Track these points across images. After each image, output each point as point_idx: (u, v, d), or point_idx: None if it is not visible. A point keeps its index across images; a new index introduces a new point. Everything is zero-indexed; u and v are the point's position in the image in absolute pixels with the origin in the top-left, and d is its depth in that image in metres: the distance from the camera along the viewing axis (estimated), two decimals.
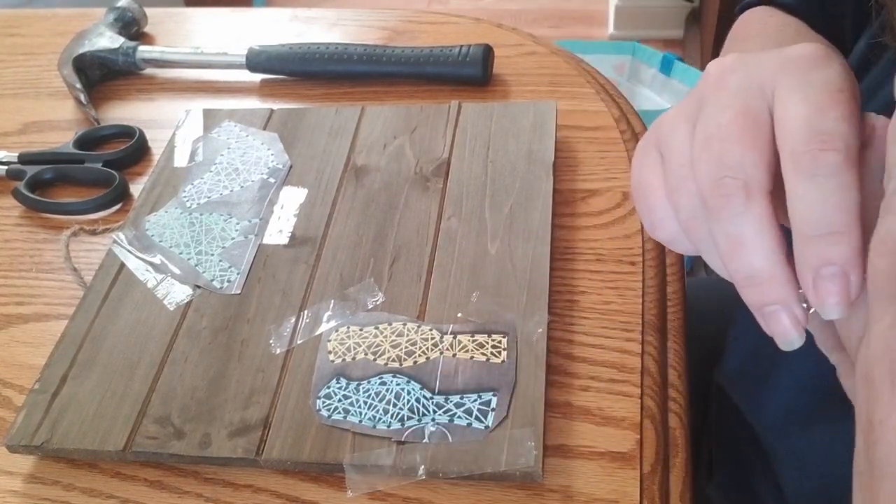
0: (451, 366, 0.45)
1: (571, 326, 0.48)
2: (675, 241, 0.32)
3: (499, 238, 0.51)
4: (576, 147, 0.59)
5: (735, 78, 0.30)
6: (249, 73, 0.70)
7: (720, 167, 0.28)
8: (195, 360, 0.48)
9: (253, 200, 0.57)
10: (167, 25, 0.80)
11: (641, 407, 0.44)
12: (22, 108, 0.72)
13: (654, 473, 0.42)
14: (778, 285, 0.27)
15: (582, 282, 0.50)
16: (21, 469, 0.46)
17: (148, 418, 0.45)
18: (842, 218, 0.26)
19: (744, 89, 0.30)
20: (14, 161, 0.64)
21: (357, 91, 0.68)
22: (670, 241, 0.32)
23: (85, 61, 0.71)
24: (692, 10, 2.03)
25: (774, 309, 0.28)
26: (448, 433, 0.42)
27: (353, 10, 0.79)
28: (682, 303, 0.51)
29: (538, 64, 0.68)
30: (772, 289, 0.28)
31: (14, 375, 0.51)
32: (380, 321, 0.48)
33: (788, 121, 0.28)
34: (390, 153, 0.59)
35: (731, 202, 0.28)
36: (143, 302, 0.51)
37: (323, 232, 0.54)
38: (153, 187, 0.59)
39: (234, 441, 0.43)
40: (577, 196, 0.56)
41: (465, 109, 0.61)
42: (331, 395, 0.45)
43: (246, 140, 0.62)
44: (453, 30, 0.74)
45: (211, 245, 0.54)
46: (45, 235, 0.60)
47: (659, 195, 0.32)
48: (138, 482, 0.44)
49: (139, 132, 0.65)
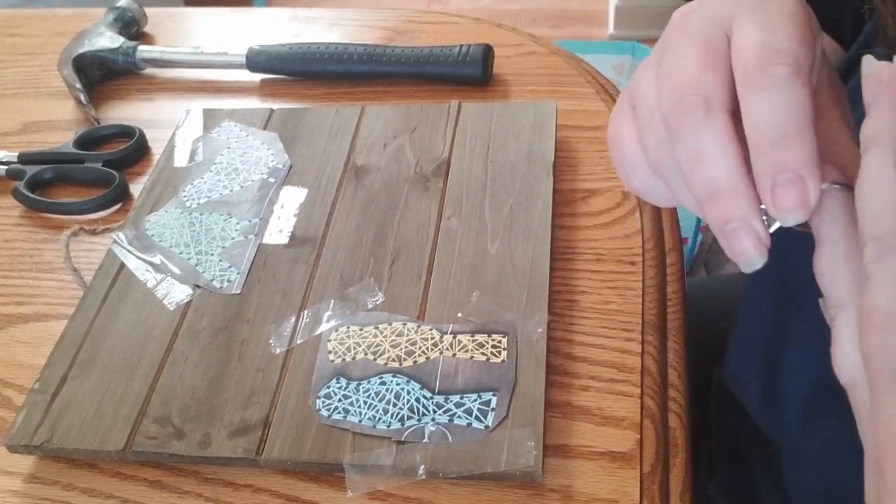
0: (451, 366, 0.45)
1: (571, 326, 0.48)
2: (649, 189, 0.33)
3: (499, 238, 0.51)
4: (576, 147, 0.59)
5: (695, 16, 0.31)
6: (249, 72, 0.70)
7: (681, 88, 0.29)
8: (195, 360, 0.48)
9: (253, 200, 0.57)
10: (167, 25, 0.80)
11: (641, 407, 0.44)
12: (22, 108, 0.72)
13: (654, 473, 0.42)
14: (738, 199, 0.28)
15: (582, 282, 0.50)
16: (21, 469, 0.46)
17: (148, 418, 0.45)
18: (793, 124, 0.26)
19: (703, 25, 0.31)
20: (14, 161, 0.64)
21: (357, 91, 0.68)
22: (644, 190, 0.33)
23: (85, 61, 0.71)
24: None
25: (735, 226, 0.28)
26: (448, 433, 0.42)
27: (353, 10, 0.79)
28: (682, 303, 0.51)
29: (538, 64, 0.68)
30: (732, 202, 0.28)
31: (14, 375, 0.51)
32: (380, 321, 0.48)
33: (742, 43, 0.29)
34: (390, 153, 0.59)
35: (692, 117, 0.29)
36: (143, 302, 0.51)
37: (323, 232, 0.54)
38: (153, 187, 0.59)
39: (234, 441, 0.43)
40: (577, 196, 0.56)
41: (465, 109, 0.61)
42: (331, 394, 0.45)
43: (246, 140, 0.62)
44: (453, 30, 0.74)
45: (211, 245, 0.54)
46: (45, 235, 0.60)
47: (631, 143, 0.32)
48: (138, 482, 0.44)
49: (139, 132, 0.65)
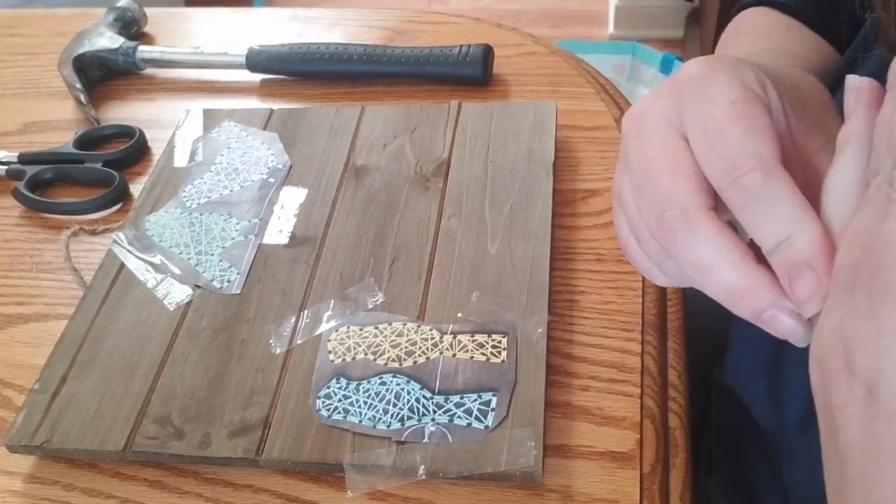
0: (450, 366, 0.45)
1: (571, 326, 0.48)
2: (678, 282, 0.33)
3: (499, 238, 0.51)
4: (576, 147, 0.59)
5: (645, 121, 0.32)
6: (249, 73, 0.70)
7: (655, 206, 0.30)
8: (195, 360, 0.48)
9: (253, 200, 0.57)
10: (167, 25, 0.80)
11: (641, 407, 0.44)
12: (22, 108, 0.72)
13: (654, 473, 0.42)
14: (759, 291, 0.28)
15: (582, 282, 0.50)
16: (21, 469, 0.46)
17: (148, 418, 0.45)
18: (785, 225, 0.27)
19: (655, 128, 0.31)
20: (14, 161, 0.64)
21: (357, 91, 0.68)
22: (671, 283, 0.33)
23: (85, 61, 0.71)
24: (692, 10, 2.03)
25: (771, 314, 0.28)
26: (448, 433, 0.42)
27: (353, 10, 0.79)
28: (682, 303, 0.51)
29: (538, 64, 0.68)
30: (757, 296, 0.28)
31: (14, 375, 0.51)
32: (380, 321, 0.48)
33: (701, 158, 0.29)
34: (390, 153, 0.59)
35: (677, 233, 0.29)
36: (143, 302, 0.51)
37: (323, 232, 0.54)
38: (153, 187, 0.59)
39: (234, 441, 0.43)
40: (577, 196, 0.56)
41: (465, 109, 0.61)
42: (331, 394, 0.45)
43: (246, 140, 0.62)
44: (453, 30, 0.74)
45: (211, 245, 0.54)
46: (45, 235, 0.60)
47: (636, 250, 0.33)
48: (138, 482, 0.44)
49: (139, 132, 0.65)
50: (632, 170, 0.31)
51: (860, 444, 0.24)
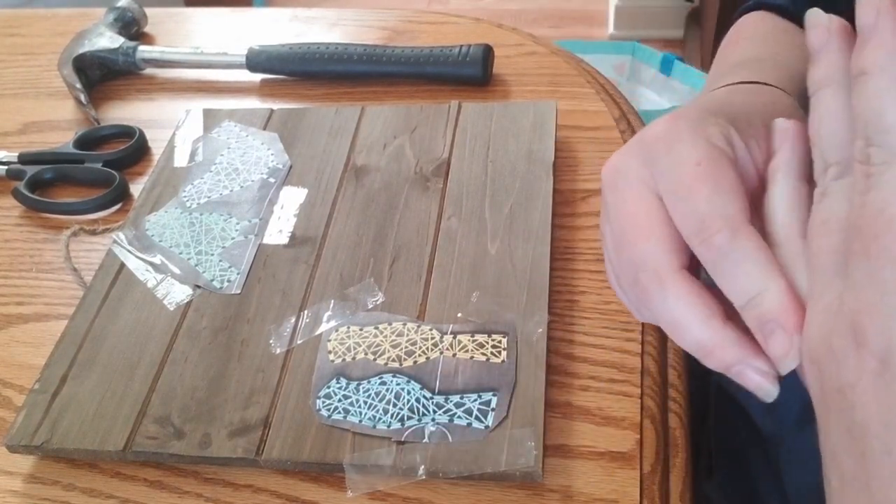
0: (451, 366, 0.45)
1: (571, 326, 0.48)
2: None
3: (499, 238, 0.51)
4: (576, 147, 0.59)
5: (620, 177, 0.33)
6: (249, 73, 0.70)
7: (631, 267, 0.31)
8: (195, 360, 0.48)
9: (253, 200, 0.57)
10: (167, 25, 0.80)
11: (641, 407, 0.44)
12: (22, 108, 0.72)
13: (654, 473, 0.42)
14: (727, 348, 0.29)
15: (582, 282, 0.50)
16: (21, 469, 0.46)
17: (148, 418, 0.45)
18: (754, 282, 0.28)
19: (628, 186, 0.32)
20: (14, 161, 0.64)
21: (357, 91, 0.68)
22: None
23: (85, 61, 0.72)
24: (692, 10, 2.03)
25: (738, 369, 0.29)
26: (448, 433, 0.42)
27: (353, 10, 0.79)
28: None
29: (538, 64, 0.68)
30: (725, 353, 0.29)
31: (14, 375, 0.51)
32: (380, 321, 0.48)
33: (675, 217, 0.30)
34: (390, 153, 0.59)
35: (651, 295, 0.30)
36: (143, 302, 0.51)
37: (323, 232, 0.54)
38: (153, 187, 0.59)
39: (234, 441, 0.43)
40: (577, 196, 0.56)
41: (465, 109, 0.61)
42: (331, 394, 0.45)
43: (246, 140, 0.62)
44: (453, 30, 0.74)
45: (211, 245, 0.54)
46: (45, 235, 0.60)
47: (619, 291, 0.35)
48: (138, 482, 0.44)
49: (139, 132, 0.65)
50: (611, 225, 0.33)
51: (879, 416, 0.23)
